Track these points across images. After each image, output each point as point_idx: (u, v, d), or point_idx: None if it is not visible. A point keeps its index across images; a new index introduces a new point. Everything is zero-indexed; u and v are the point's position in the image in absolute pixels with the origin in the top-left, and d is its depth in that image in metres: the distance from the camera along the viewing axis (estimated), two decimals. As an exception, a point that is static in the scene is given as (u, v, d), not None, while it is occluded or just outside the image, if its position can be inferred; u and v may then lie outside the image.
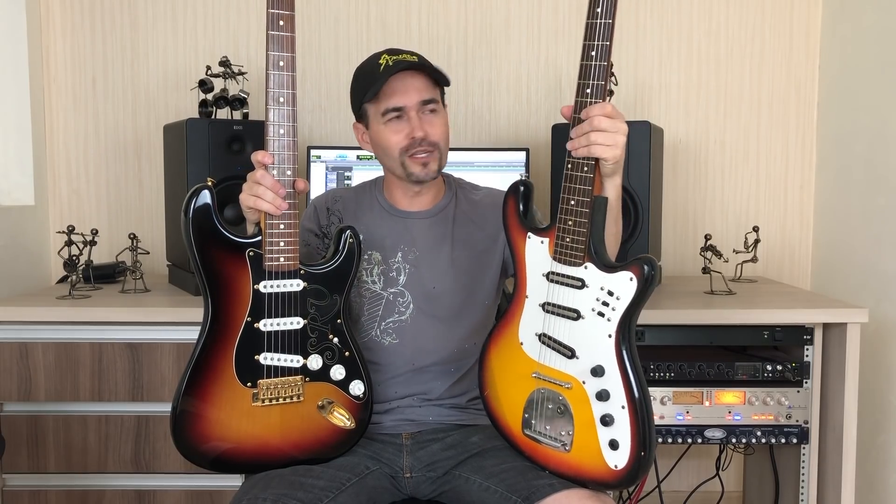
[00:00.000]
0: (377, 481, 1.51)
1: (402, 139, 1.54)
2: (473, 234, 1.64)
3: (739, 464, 2.50)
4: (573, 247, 1.32)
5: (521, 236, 1.41)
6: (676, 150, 2.49)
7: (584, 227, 1.31)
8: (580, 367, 1.34)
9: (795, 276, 2.51)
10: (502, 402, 1.46)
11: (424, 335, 1.60)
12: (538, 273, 1.38)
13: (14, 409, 1.86)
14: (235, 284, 1.40)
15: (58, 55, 2.43)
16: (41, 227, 2.40)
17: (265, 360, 1.42)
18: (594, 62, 1.29)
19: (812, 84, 2.48)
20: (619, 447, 1.30)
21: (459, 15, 2.45)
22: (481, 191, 1.72)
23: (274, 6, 1.36)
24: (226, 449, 1.43)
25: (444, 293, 1.61)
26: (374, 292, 1.61)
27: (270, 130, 1.38)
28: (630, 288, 1.27)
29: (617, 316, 1.29)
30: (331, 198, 1.70)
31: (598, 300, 1.31)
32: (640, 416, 1.29)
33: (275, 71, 1.37)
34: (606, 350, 1.30)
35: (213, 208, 1.38)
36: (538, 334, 1.39)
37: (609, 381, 1.31)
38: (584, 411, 1.34)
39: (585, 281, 1.32)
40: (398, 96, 1.53)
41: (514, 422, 1.44)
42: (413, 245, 1.62)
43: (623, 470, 1.31)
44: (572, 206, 1.32)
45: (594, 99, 1.29)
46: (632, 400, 1.29)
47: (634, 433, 1.29)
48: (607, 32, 1.28)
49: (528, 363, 1.40)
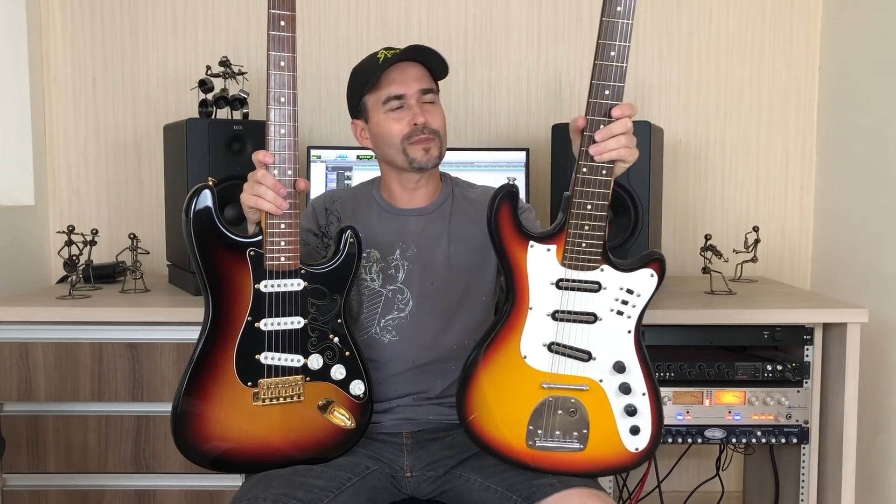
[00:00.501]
0: (377, 481, 1.51)
1: (403, 126, 1.56)
2: (470, 230, 1.64)
3: (739, 464, 2.50)
4: (590, 251, 1.32)
5: (521, 246, 1.36)
6: (676, 150, 2.49)
7: (601, 231, 1.31)
8: (598, 367, 1.35)
9: (795, 276, 2.51)
10: (499, 421, 1.40)
11: (424, 332, 1.60)
12: (545, 282, 1.35)
13: (14, 409, 1.86)
14: (236, 284, 1.40)
15: (58, 55, 2.43)
16: (41, 227, 2.40)
17: (266, 360, 1.42)
18: (614, 63, 1.27)
19: (812, 84, 2.48)
20: (640, 432, 1.37)
21: (459, 15, 2.45)
22: (477, 188, 1.73)
23: (275, 7, 1.37)
24: (226, 449, 1.42)
25: (443, 289, 1.61)
26: (374, 290, 1.61)
27: (271, 130, 1.38)
28: (651, 283, 1.33)
29: (637, 312, 1.34)
30: (329, 198, 1.71)
31: (618, 300, 1.33)
32: (658, 397, 1.37)
33: (275, 71, 1.37)
34: (627, 346, 1.34)
35: (214, 208, 1.38)
36: (547, 344, 1.36)
37: (631, 374, 1.35)
38: (602, 407, 1.36)
39: (602, 283, 1.33)
40: (397, 85, 1.56)
41: (516, 439, 1.39)
42: (411, 242, 1.63)
43: (644, 451, 1.38)
44: (589, 211, 1.31)
45: (613, 101, 1.29)
46: (652, 385, 1.36)
47: (654, 415, 1.37)
48: (627, 33, 1.27)
49: (533, 375, 1.37)
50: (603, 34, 1.28)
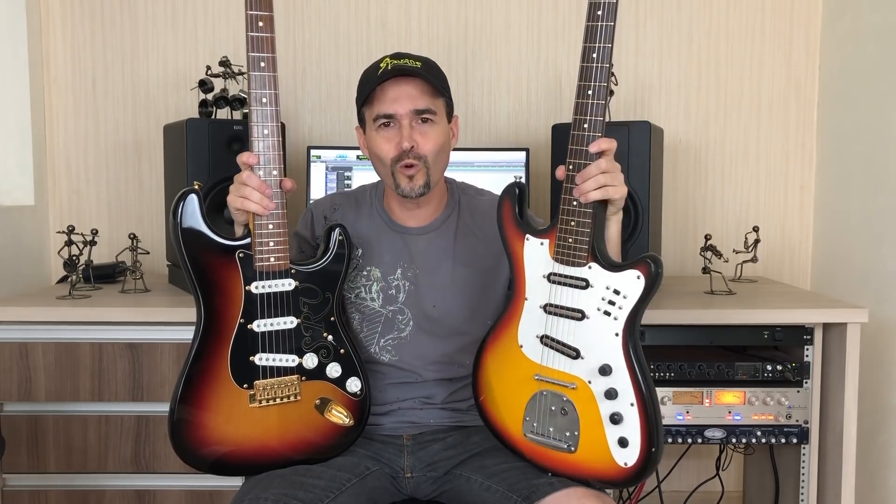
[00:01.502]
0: (377, 482, 1.51)
1: (392, 148, 1.51)
2: (476, 249, 1.61)
3: (739, 464, 2.50)
4: (576, 247, 1.32)
5: (518, 239, 1.40)
6: (676, 150, 2.49)
7: (587, 228, 1.31)
8: (586, 367, 1.34)
9: (795, 276, 2.51)
10: (501, 407, 1.45)
11: (424, 353, 1.58)
12: (538, 275, 1.38)
13: (14, 409, 1.86)
14: (227, 286, 1.39)
15: (58, 55, 2.43)
16: (41, 227, 2.40)
17: (260, 361, 1.42)
18: (595, 64, 1.28)
19: (812, 84, 2.48)
20: (628, 444, 1.31)
21: (459, 15, 2.45)
22: (485, 196, 1.69)
23: (252, 7, 1.35)
24: (225, 452, 1.42)
25: (445, 312, 1.58)
26: (374, 309, 1.59)
27: (255, 131, 1.37)
28: (638, 286, 1.29)
29: (624, 314, 1.30)
30: (329, 206, 1.67)
31: (604, 299, 1.31)
32: (649, 412, 1.30)
33: (256, 72, 1.36)
34: (614, 349, 1.31)
35: (201, 212, 1.37)
36: (539, 336, 1.38)
37: (617, 379, 1.31)
38: (591, 411, 1.34)
39: (590, 281, 1.32)
40: (389, 103, 1.49)
41: (515, 425, 1.43)
42: (412, 262, 1.59)
43: (633, 467, 1.32)
44: (574, 207, 1.32)
45: (596, 100, 1.29)
46: (640, 397, 1.30)
47: (644, 430, 1.30)
48: (608, 34, 1.28)
49: (528, 366, 1.40)
50: (586, 38, 1.29)
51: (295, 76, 2.46)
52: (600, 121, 1.29)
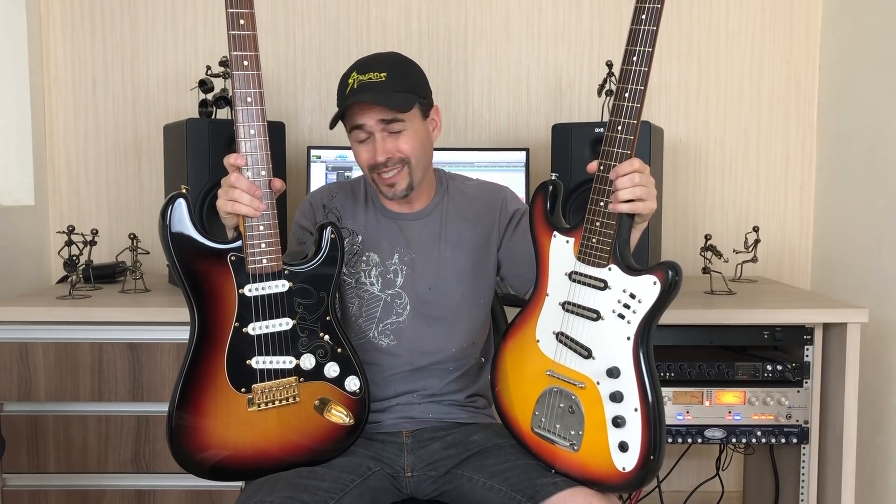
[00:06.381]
0: (379, 482, 1.51)
1: (368, 158, 1.53)
2: (465, 232, 1.63)
3: (739, 464, 2.50)
4: (599, 248, 1.33)
5: (546, 234, 1.41)
6: (676, 150, 2.49)
7: (611, 230, 1.32)
8: (596, 368, 1.34)
9: (795, 276, 2.51)
10: (513, 399, 1.47)
11: (422, 337, 1.60)
12: (561, 272, 1.39)
13: (14, 409, 1.86)
14: (220, 291, 1.38)
15: (58, 55, 2.43)
16: (41, 227, 2.40)
17: (257, 364, 1.41)
18: (635, 67, 1.29)
19: (812, 84, 2.48)
20: (628, 449, 1.31)
21: (459, 15, 2.45)
22: (472, 182, 1.71)
23: (233, 6, 1.33)
24: (224, 457, 1.41)
25: (440, 294, 1.60)
26: (373, 294, 1.61)
27: (241, 132, 1.35)
28: (653, 292, 1.29)
29: (637, 319, 1.30)
30: (327, 194, 1.69)
31: (620, 302, 1.32)
32: (652, 419, 1.30)
33: (239, 71, 1.34)
34: (624, 352, 1.31)
35: (190, 216, 1.36)
36: (556, 332, 1.39)
37: (624, 383, 1.32)
38: (596, 412, 1.34)
39: (608, 282, 1.33)
40: (359, 116, 1.50)
41: (524, 419, 1.44)
42: (408, 247, 1.61)
43: (631, 473, 1.31)
44: (601, 208, 1.32)
45: (632, 104, 1.28)
46: (645, 403, 1.30)
47: (645, 436, 1.30)
48: (651, 39, 1.28)
49: (542, 361, 1.41)
50: (629, 41, 1.31)
51: (295, 76, 2.46)
52: (634, 124, 1.29)
